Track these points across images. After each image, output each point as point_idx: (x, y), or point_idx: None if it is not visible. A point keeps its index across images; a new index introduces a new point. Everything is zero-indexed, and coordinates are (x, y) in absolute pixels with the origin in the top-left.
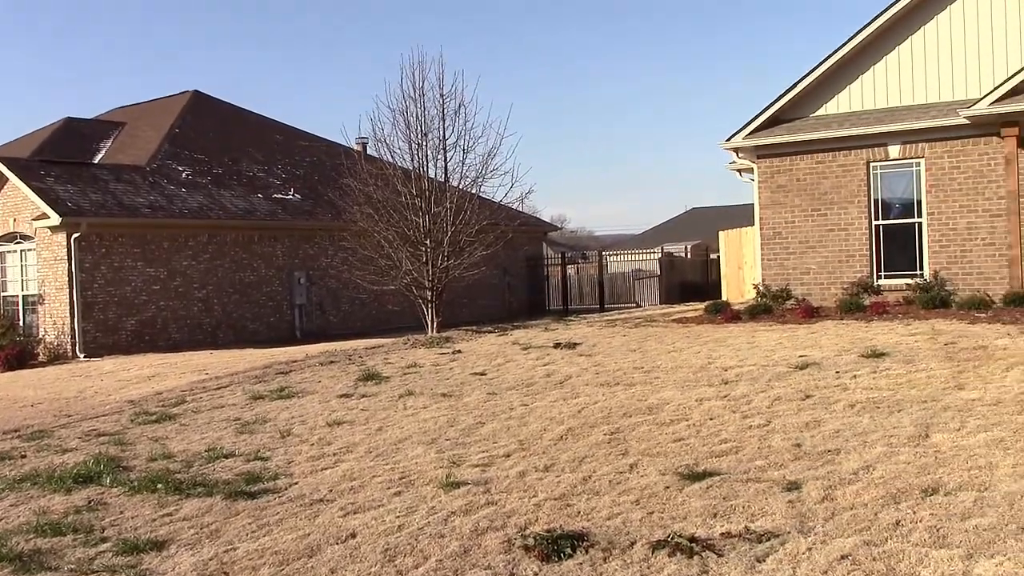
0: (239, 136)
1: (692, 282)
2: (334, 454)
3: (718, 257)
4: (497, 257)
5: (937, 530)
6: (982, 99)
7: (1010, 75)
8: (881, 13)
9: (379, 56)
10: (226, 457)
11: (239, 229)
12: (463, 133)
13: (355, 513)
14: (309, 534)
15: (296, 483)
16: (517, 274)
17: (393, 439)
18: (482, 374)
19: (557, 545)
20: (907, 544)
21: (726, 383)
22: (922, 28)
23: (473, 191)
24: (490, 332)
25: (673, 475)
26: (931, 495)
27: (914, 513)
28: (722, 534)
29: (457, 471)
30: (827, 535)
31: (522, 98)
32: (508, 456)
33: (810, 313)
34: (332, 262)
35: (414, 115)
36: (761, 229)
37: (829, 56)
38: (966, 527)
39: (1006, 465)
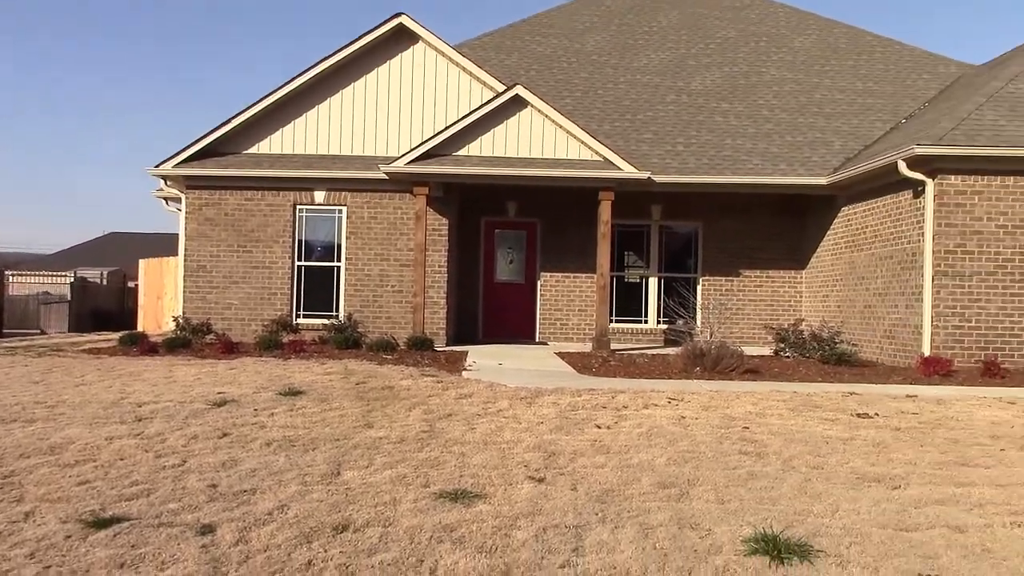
0: None
1: (107, 310)
2: None
3: (137, 285)
4: None
5: (346, 567)
6: (400, 158)
7: (424, 139)
8: (318, 63)
9: None
10: None
11: None
12: None
13: None
14: None
15: None
16: None
17: None
18: None
19: None
20: None
21: (140, 420)
22: (352, 85)
23: None
24: None
25: (76, 523)
26: (341, 532)
27: (325, 551)
28: None
29: None
30: None
31: None
32: None
33: (230, 349)
34: None
35: None
36: (185, 260)
37: (267, 96)
38: (372, 563)
39: (408, 500)
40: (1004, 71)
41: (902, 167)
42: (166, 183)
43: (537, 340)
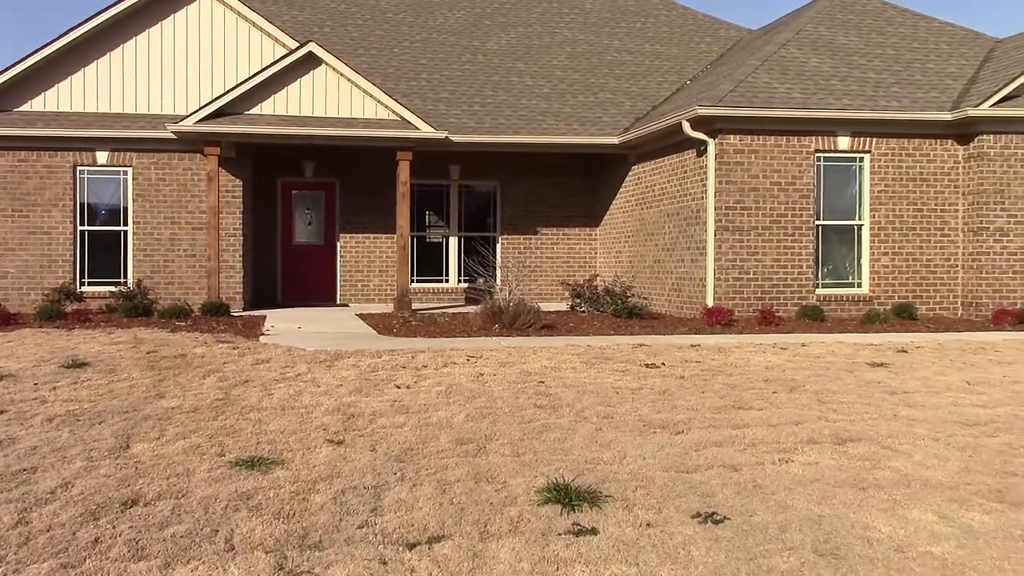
0: None
1: None
2: None
3: None
4: None
5: (137, 542)
6: (189, 116)
7: (215, 97)
8: (98, 13)
9: None
10: None
11: None
12: None
13: None
14: None
15: None
16: None
17: None
18: None
19: None
20: (106, 561)
21: None
22: (135, 39)
23: None
24: None
25: None
26: (131, 507)
27: (114, 528)
28: None
29: None
30: (20, 563)
31: None
32: None
33: (7, 320)
34: None
35: None
36: None
37: (40, 49)
38: (164, 536)
39: (202, 470)
40: (777, 36)
41: (686, 127)
42: None
43: (338, 302)
